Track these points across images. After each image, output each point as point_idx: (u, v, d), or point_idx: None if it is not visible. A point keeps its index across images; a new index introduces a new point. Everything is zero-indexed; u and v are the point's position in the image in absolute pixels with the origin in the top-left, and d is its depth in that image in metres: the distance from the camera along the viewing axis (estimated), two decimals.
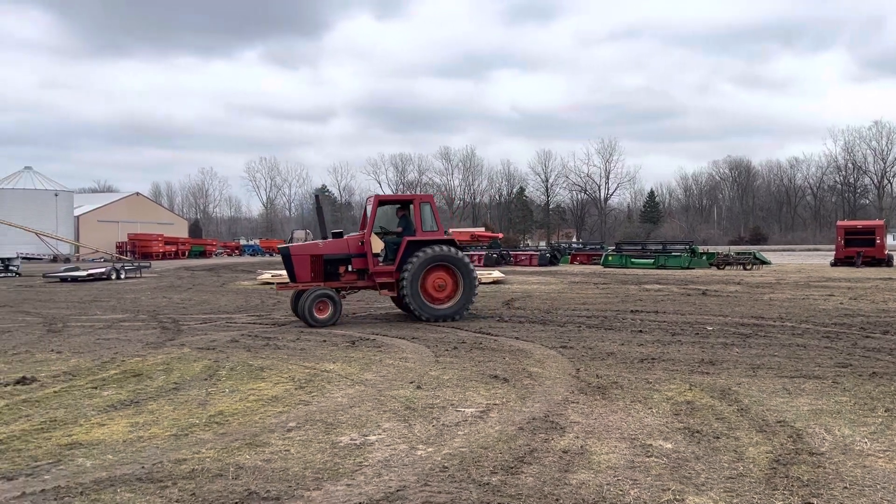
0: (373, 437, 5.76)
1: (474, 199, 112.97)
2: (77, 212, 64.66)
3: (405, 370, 8.71)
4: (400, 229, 14.44)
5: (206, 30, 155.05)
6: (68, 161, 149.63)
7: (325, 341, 11.23)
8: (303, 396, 7.28)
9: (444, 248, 14.11)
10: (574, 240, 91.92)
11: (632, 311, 15.60)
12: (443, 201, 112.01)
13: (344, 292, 14.38)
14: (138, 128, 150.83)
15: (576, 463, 5.09)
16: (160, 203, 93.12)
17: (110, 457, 5.30)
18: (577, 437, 5.72)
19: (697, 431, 5.89)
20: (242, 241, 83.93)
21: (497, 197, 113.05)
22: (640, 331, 12.19)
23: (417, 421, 6.24)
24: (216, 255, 68.54)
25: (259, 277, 27.45)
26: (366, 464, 5.10)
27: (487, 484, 4.66)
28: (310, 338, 11.67)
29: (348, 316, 14.96)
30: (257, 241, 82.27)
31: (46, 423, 6.28)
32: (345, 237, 14.63)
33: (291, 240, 79.58)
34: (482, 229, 70.35)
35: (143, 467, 5.01)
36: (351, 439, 5.71)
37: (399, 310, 15.27)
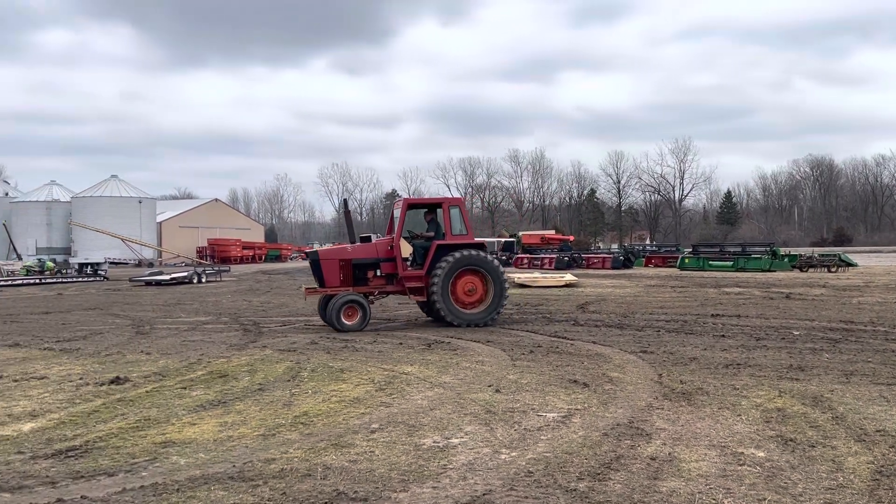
0: (455, 440, 5.76)
1: (543, 201, 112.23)
2: (160, 218, 67.24)
3: (483, 373, 8.69)
4: (431, 233, 14.27)
5: (276, 41, 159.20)
6: (151, 169, 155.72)
7: (401, 344, 11.32)
8: (383, 398, 7.35)
9: (474, 251, 13.93)
10: (648, 242, 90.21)
11: (712, 314, 15.18)
12: (512, 204, 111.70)
13: (372, 297, 14.20)
14: (215, 136, 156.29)
15: (665, 470, 4.97)
16: (237, 209, 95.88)
17: (202, 455, 5.46)
18: (665, 444, 5.58)
19: (791, 440, 5.67)
20: (316, 246, 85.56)
21: (567, 199, 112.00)
22: (723, 335, 11.84)
23: (499, 425, 6.22)
24: (291, 259, 70.15)
25: None
26: (450, 466, 5.10)
27: (574, 490, 4.60)
28: (386, 340, 11.79)
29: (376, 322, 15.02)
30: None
31: (141, 421, 6.52)
32: (373, 241, 14.56)
33: None
34: (552, 232, 69.84)
35: (234, 466, 5.15)
36: (434, 442, 5.73)
37: (426, 315, 15.04)
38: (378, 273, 14.11)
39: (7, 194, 66.93)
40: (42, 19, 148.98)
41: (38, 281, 33.33)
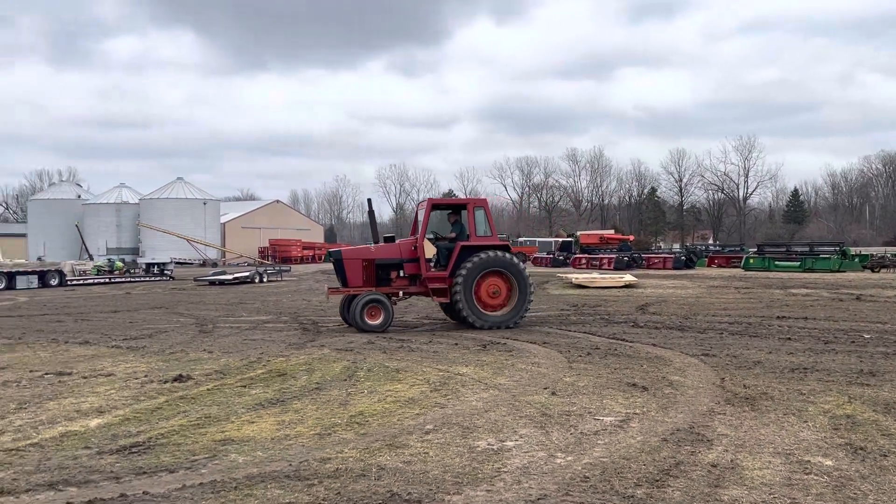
0: (510, 443, 5.71)
1: (602, 200, 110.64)
2: (223, 219, 68.91)
3: (538, 375, 8.60)
4: (453, 234, 14.11)
5: (332, 44, 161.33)
6: (214, 172, 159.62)
7: (456, 344, 11.31)
8: (438, 399, 7.35)
9: (499, 253, 13.73)
10: (711, 241, 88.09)
11: (778, 317, 14.71)
12: (570, 203, 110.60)
13: (395, 298, 14.00)
14: (276, 139, 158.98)
15: (726, 478, 4.82)
16: (298, 210, 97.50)
17: (260, 453, 5.54)
18: (727, 451, 5.42)
19: (861, 448, 5.43)
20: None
21: (627, 198, 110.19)
22: (789, 338, 11.45)
23: (554, 428, 6.13)
24: None
25: None
26: (504, 470, 5.05)
27: (632, 497, 4.50)
28: (442, 341, 11.80)
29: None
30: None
31: (201, 419, 6.66)
32: (397, 242, 14.39)
33: None
34: (611, 231, 68.84)
35: (290, 465, 5.21)
36: (488, 444, 5.69)
37: (448, 317, 14.91)
38: (401, 274, 14.02)
39: (80, 196, 69.58)
40: (112, 28, 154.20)
41: (107, 280, 34.54)
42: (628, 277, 26.43)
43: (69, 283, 32.25)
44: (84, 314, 18.06)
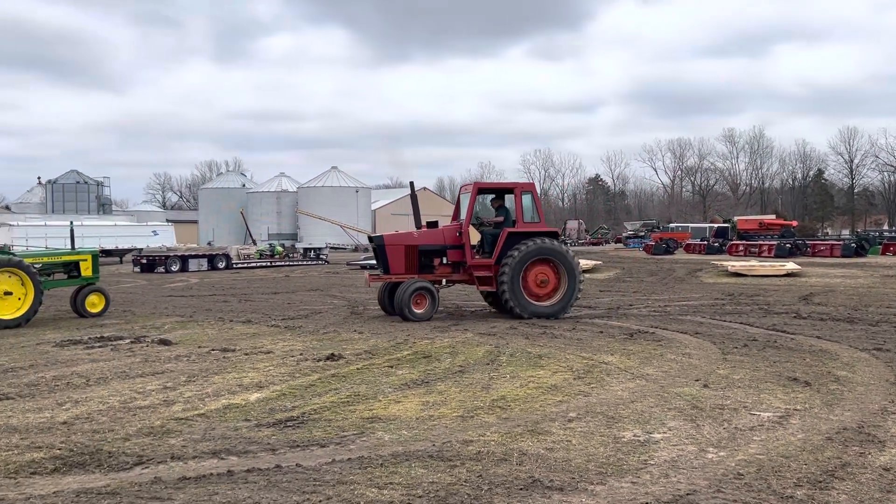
0: (657, 435, 5.50)
1: (762, 183, 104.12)
2: (374, 206, 71.43)
3: (689, 367, 8.24)
4: (500, 219, 13.46)
5: (473, 33, 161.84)
6: (365, 161, 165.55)
7: (601, 332, 11.06)
8: (581, 387, 7.21)
9: (548, 240, 13.04)
10: (886, 227, 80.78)
11: None
12: (726, 187, 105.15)
13: (437, 285, 13.36)
14: (421, 128, 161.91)
15: None
16: (444, 197, 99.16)
17: (405, 433, 5.67)
18: None
19: None
20: None
21: (790, 181, 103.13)
22: None
23: (706, 422, 5.84)
24: None
25: None
26: (651, 462, 4.87)
27: (791, 497, 4.19)
28: (586, 328, 11.58)
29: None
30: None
31: (351, 396, 6.92)
32: (440, 227, 13.79)
33: (564, 230, 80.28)
34: (772, 217, 64.82)
35: (433, 445, 5.29)
36: (634, 435, 5.51)
37: (490, 307, 14.33)
38: (444, 261, 13.51)
39: (244, 185, 74.55)
40: (268, 27, 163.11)
41: (268, 264, 36.77)
42: (790, 265, 24.73)
43: (234, 265, 34.63)
44: (247, 295, 19.32)
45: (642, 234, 62.62)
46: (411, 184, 15.50)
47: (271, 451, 5.23)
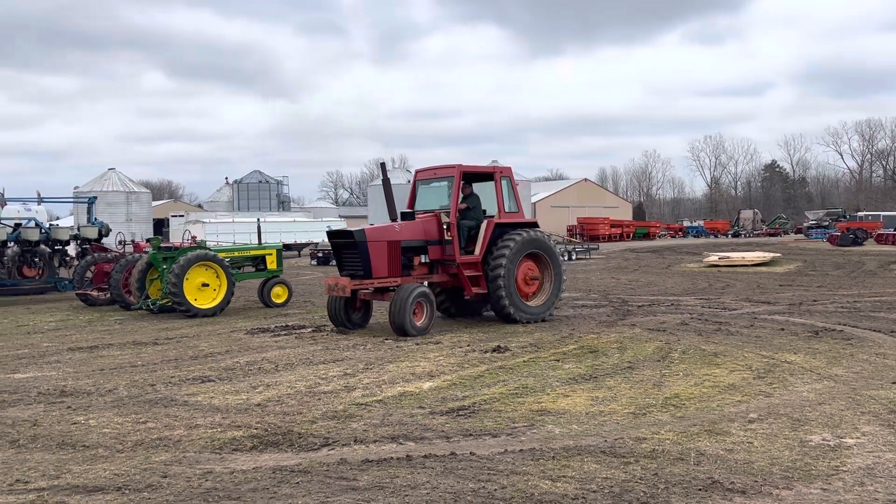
0: (850, 440, 5.12)
1: None
2: (533, 198, 71.16)
3: (885, 367, 7.59)
4: (465, 206, 11.63)
5: (624, 21, 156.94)
6: (523, 154, 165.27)
7: (782, 329, 10.42)
8: (762, 387, 6.85)
9: (534, 232, 11.67)
10: None
11: None
12: None
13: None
14: (577, 118, 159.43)
15: None
16: (605, 187, 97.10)
17: (575, 427, 5.67)
18: None
19: None
20: (686, 223, 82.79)
21: None
22: None
23: None
24: (659, 236, 69.01)
25: (705, 260, 26.77)
26: (843, 468, 4.56)
27: None
28: (765, 325, 10.95)
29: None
30: (701, 223, 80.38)
31: (519, 388, 7.00)
32: (418, 219, 11.68)
33: (738, 220, 75.89)
34: None
35: (605, 441, 5.25)
36: (823, 439, 5.17)
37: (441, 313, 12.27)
38: (423, 259, 11.42)
39: (409, 181, 76.99)
40: (424, 29, 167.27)
41: None
42: None
43: None
44: None
45: (826, 223, 57.99)
46: (382, 165, 13.96)
47: (446, 438, 5.42)
